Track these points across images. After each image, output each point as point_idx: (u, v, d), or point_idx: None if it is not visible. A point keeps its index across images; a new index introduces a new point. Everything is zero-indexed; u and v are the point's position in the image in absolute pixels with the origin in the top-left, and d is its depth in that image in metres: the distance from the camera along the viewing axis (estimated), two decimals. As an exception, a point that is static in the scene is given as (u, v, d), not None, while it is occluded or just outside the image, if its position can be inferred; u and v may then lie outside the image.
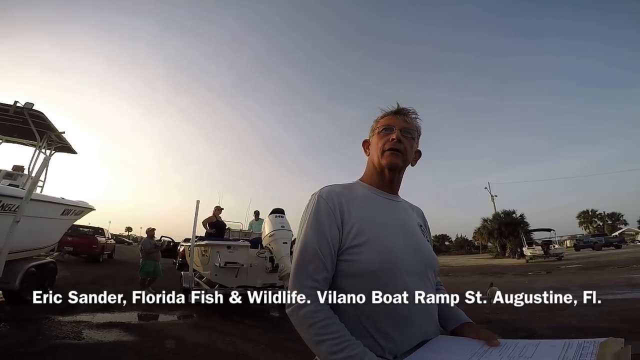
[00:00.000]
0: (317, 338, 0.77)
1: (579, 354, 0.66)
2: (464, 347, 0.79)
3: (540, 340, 0.74)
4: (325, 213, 0.89)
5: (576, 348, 0.68)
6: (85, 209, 7.45)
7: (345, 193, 0.96)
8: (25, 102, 5.02)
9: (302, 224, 0.93)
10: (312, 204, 0.93)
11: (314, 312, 0.79)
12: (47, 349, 3.52)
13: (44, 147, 6.00)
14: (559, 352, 0.68)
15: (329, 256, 0.86)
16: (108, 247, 15.21)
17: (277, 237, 5.75)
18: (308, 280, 0.83)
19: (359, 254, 0.85)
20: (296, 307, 0.81)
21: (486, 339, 0.80)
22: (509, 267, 19.42)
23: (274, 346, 4.09)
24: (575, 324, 4.97)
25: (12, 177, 5.65)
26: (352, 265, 0.86)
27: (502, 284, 7.80)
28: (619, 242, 29.21)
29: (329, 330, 0.77)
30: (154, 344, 3.96)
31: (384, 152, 0.98)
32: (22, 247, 5.18)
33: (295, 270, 0.86)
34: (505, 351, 0.73)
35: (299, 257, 0.87)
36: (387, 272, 0.84)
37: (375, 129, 1.05)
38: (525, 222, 30.20)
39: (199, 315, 5.64)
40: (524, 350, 0.71)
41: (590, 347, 0.67)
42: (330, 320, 0.79)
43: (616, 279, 9.91)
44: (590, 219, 47.18)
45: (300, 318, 0.80)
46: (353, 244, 0.87)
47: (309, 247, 0.86)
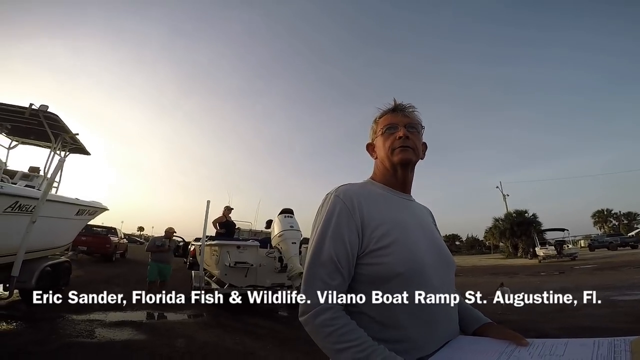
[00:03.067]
0: (338, 346, 0.72)
1: (612, 352, 0.64)
2: (489, 346, 0.78)
3: (568, 339, 0.72)
4: (344, 215, 0.84)
5: (607, 346, 0.66)
6: (99, 209, 7.57)
7: (363, 192, 0.90)
8: (40, 105, 5.13)
9: (317, 226, 0.87)
10: (328, 204, 0.87)
11: (332, 319, 0.75)
12: (61, 348, 3.60)
13: (59, 149, 6.12)
14: (591, 351, 0.66)
15: (345, 261, 0.81)
16: (121, 246, 15.42)
17: (286, 237, 5.76)
18: (323, 286, 0.78)
19: (384, 257, 0.81)
20: (312, 315, 0.77)
21: (513, 338, 0.77)
22: (521, 267, 19.09)
23: (283, 346, 4.11)
24: (588, 325, 4.87)
25: (28, 178, 5.78)
26: (376, 269, 0.81)
27: (513, 284, 7.68)
28: (635, 242, 28.40)
29: (350, 337, 0.73)
30: (164, 343, 4.01)
31: (393, 150, 0.95)
32: (38, 247, 5.28)
33: (309, 276, 0.81)
34: (533, 350, 0.71)
35: (313, 262, 0.82)
36: (414, 274, 0.81)
37: (377, 130, 1.00)
38: (538, 222, 29.71)
39: (208, 314, 5.70)
40: (553, 349, 0.70)
41: (622, 345, 0.65)
42: (350, 326, 0.75)
43: (632, 279, 9.67)
44: (606, 219, 46.04)
45: (316, 326, 0.76)
46: (378, 246, 0.82)
47: (324, 251, 0.81)
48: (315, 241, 0.84)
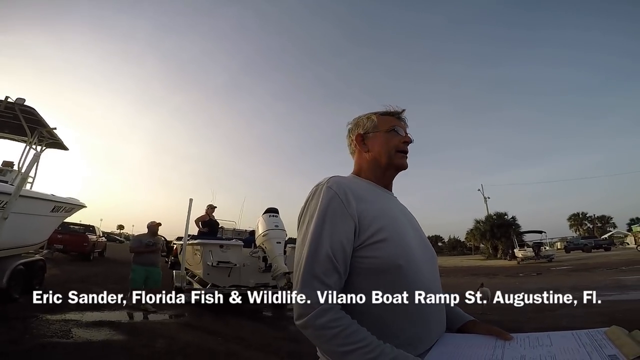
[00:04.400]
0: (344, 349, 0.69)
1: (593, 340, 0.68)
2: (479, 342, 0.80)
3: (549, 332, 0.75)
4: (338, 207, 0.79)
5: (586, 336, 0.70)
6: (76, 206, 7.34)
7: (354, 185, 0.88)
8: (17, 98, 4.95)
9: (308, 220, 0.82)
10: (321, 196, 0.82)
11: (334, 320, 0.71)
12: (35, 348, 3.46)
13: (35, 143, 5.90)
14: (574, 340, 0.70)
15: (342, 258, 0.77)
16: (99, 245, 15.08)
17: (270, 237, 5.72)
18: (321, 286, 0.74)
19: (382, 249, 0.79)
20: (311, 318, 0.72)
21: (498, 334, 0.79)
22: (500, 268, 19.57)
23: (267, 346, 4.07)
24: (565, 325, 5.03)
25: (1, 173, 5.56)
26: (374, 261, 0.79)
27: (493, 284, 7.87)
28: (608, 245, 29.66)
29: (356, 337, 0.70)
30: (145, 344, 3.91)
31: (396, 152, 0.96)
32: (10, 245, 5.09)
33: (305, 275, 0.76)
34: (523, 343, 0.74)
35: (309, 259, 0.77)
36: (411, 267, 0.80)
37: (380, 126, 0.99)
38: (517, 224, 30.66)
39: (190, 314, 5.59)
40: (540, 341, 0.73)
41: (598, 334, 0.70)
42: (354, 326, 0.72)
43: (605, 280, 10.07)
44: (581, 222, 47.90)
45: (318, 329, 0.72)
46: (375, 239, 0.79)
47: (321, 248, 0.76)
48: (311, 237, 0.78)
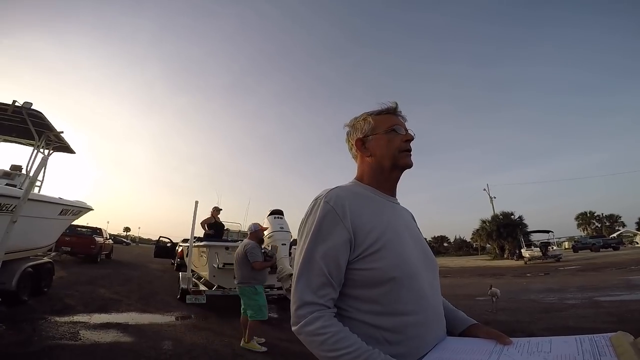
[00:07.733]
0: (331, 354, 0.72)
1: (595, 346, 0.67)
2: (478, 346, 0.79)
3: (552, 337, 0.75)
4: (333, 221, 0.82)
5: (589, 342, 0.69)
6: (84, 209, 7.42)
7: (353, 196, 0.88)
8: (24, 102, 5.01)
9: (306, 233, 0.85)
10: (318, 210, 0.84)
11: (323, 327, 0.75)
12: (43, 350, 3.49)
13: (42, 147, 5.97)
14: (575, 346, 0.69)
15: (336, 271, 0.80)
16: (106, 247, 15.14)
17: (276, 239, 5.73)
18: (313, 296, 0.78)
19: (377, 261, 0.81)
20: (303, 325, 0.77)
21: (497, 338, 0.79)
22: (507, 268, 19.40)
23: (273, 347, 4.07)
24: (573, 325, 4.96)
25: (9, 177, 5.62)
26: (369, 274, 0.81)
27: (500, 285, 7.80)
28: (616, 244, 29.28)
29: (344, 344, 0.72)
30: (151, 345, 3.93)
31: (400, 152, 0.94)
32: (19, 247, 5.15)
33: (299, 286, 0.80)
34: (521, 348, 0.74)
35: (303, 271, 0.81)
36: (406, 278, 0.82)
37: (377, 127, 0.97)
38: (524, 224, 30.25)
39: (196, 316, 5.61)
40: (539, 347, 0.72)
41: (602, 340, 0.68)
42: (343, 333, 0.74)
43: (614, 280, 9.90)
44: (589, 221, 47.39)
45: (309, 336, 0.76)
46: (371, 251, 0.81)
47: (314, 262, 0.80)
48: (305, 251, 0.82)
